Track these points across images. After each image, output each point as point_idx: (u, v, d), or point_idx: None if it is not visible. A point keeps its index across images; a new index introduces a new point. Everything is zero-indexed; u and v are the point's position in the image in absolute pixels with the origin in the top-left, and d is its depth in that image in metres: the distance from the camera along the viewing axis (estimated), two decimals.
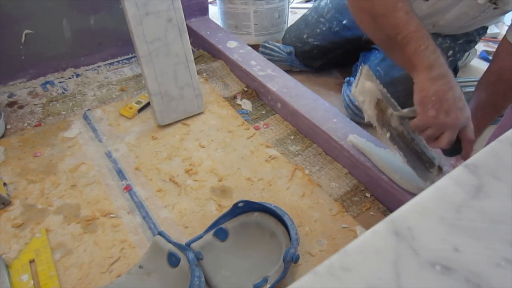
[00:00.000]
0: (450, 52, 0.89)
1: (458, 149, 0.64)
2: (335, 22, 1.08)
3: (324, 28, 1.10)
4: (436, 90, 0.58)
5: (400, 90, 0.87)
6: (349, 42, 1.09)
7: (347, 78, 0.99)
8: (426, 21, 0.88)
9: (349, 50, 1.11)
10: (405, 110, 0.65)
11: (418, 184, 0.69)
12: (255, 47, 1.18)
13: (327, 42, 1.11)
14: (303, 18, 1.17)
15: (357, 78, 0.64)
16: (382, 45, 0.67)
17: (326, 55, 1.12)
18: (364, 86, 0.64)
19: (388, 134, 0.64)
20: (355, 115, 0.94)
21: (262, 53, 1.17)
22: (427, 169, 0.67)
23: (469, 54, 1.19)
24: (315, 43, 1.11)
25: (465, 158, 0.65)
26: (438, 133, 0.61)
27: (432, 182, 0.62)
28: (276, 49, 1.16)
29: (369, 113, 0.64)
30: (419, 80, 0.60)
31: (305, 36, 1.13)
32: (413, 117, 0.62)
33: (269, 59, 1.10)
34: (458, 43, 0.91)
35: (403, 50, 0.60)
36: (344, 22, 1.07)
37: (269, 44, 1.18)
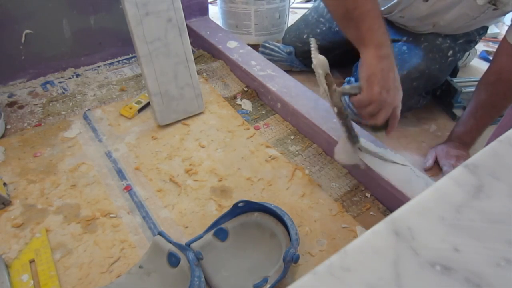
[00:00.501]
0: (450, 52, 0.89)
1: (384, 126, 0.69)
2: (335, 22, 1.09)
3: (324, 28, 1.10)
4: (382, 68, 0.62)
5: None
6: (349, 42, 1.09)
7: (347, 78, 0.99)
8: (426, 21, 0.88)
9: (348, 50, 1.11)
10: (347, 87, 0.68)
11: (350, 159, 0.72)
12: (255, 47, 1.18)
13: (327, 41, 1.11)
14: (303, 18, 1.17)
15: (312, 51, 0.66)
16: (340, 20, 0.70)
17: (326, 55, 1.13)
18: (318, 58, 0.65)
19: (335, 109, 0.66)
20: (355, 114, 0.94)
21: (262, 53, 1.17)
22: (355, 146, 0.72)
23: (469, 54, 1.19)
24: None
25: (389, 133, 0.70)
26: (377, 110, 0.64)
27: (356, 160, 0.71)
28: (276, 49, 1.16)
29: (322, 87, 0.66)
30: (368, 57, 0.63)
31: (305, 36, 1.13)
32: (354, 94, 0.65)
33: (269, 59, 1.10)
34: (458, 43, 0.91)
35: (357, 26, 0.64)
36: None
37: (269, 44, 1.18)
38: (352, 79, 0.97)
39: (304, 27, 1.14)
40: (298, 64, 1.18)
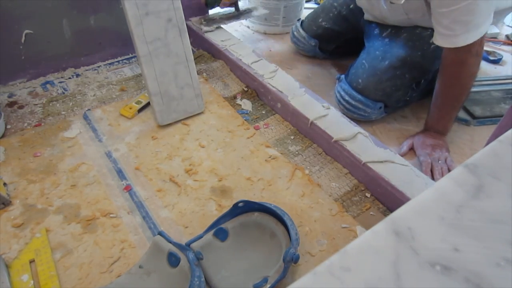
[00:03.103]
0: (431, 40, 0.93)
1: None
2: (344, 6, 1.14)
3: (336, 12, 1.15)
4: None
5: (384, 80, 0.92)
6: (354, 28, 1.13)
7: (337, 76, 1.04)
8: (401, 16, 0.94)
9: (356, 37, 1.14)
10: None
11: None
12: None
13: (337, 25, 1.15)
14: (322, 4, 1.23)
15: None
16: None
17: (337, 39, 1.19)
18: None
19: None
20: (347, 110, 0.96)
21: (293, 37, 1.25)
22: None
23: None
24: (326, 26, 1.16)
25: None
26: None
27: None
28: (302, 40, 1.22)
29: None
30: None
31: (320, 20, 1.18)
32: None
33: (295, 46, 1.25)
34: None
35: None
36: (351, 6, 1.11)
37: (297, 34, 1.23)
38: (342, 76, 0.99)
39: (320, 11, 1.19)
40: (321, 54, 1.23)
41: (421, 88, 0.99)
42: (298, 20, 1.26)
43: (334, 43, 1.19)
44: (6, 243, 0.66)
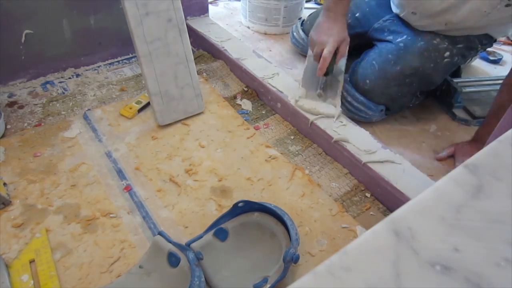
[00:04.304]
0: (447, 53, 0.90)
1: (330, 70, 0.91)
2: (349, 14, 1.10)
3: None
4: (320, 21, 0.92)
5: (393, 85, 0.91)
6: (358, 36, 1.10)
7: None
8: (438, 18, 0.89)
9: (359, 46, 1.11)
10: None
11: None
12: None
13: None
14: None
15: None
16: None
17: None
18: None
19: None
20: (349, 111, 0.96)
21: (292, 38, 1.26)
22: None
23: (471, 59, 1.19)
24: None
25: (319, 70, 0.89)
26: (317, 49, 0.90)
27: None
28: (301, 41, 1.21)
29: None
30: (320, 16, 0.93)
31: None
32: None
33: (295, 47, 1.26)
34: (457, 47, 0.91)
35: None
36: (357, 15, 1.08)
37: (296, 35, 1.23)
38: (346, 76, 0.99)
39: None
40: None
41: (424, 96, 0.99)
42: (299, 19, 1.25)
43: None
44: (6, 243, 0.66)
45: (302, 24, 1.22)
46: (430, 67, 0.90)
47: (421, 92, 0.96)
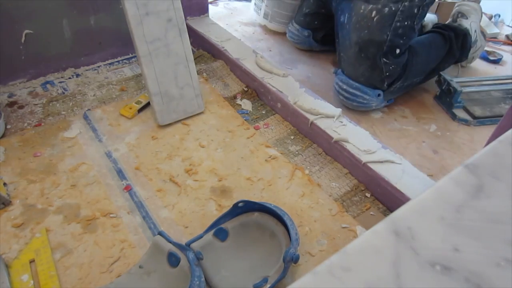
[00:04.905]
0: (374, 13, 0.91)
1: None
2: None
3: None
4: None
5: (358, 65, 0.95)
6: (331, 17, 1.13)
7: (334, 70, 1.09)
8: None
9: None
10: None
11: None
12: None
13: (321, 8, 1.17)
14: None
15: None
16: None
17: (323, 25, 1.21)
18: None
19: None
20: (347, 99, 0.97)
21: (288, 32, 1.28)
22: None
23: (473, 57, 1.19)
24: (311, 12, 1.19)
25: None
26: None
27: None
28: (296, 32, 1.24)
29: None
30: None
31: (304, 8, 1.21)
32: None
33: (291, 41, 1.28)
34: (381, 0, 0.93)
35: None
36: None
37: (291, 28, 1.26)
38: (339, 70, 1.00)
39: (304, 2, 1.22)
40: (316, 45, 1.25)
41: (401, 60, 0.96)
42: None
43: (322, 31, 1.21)
44: (6, 243, 0.66)
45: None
46: (365, 33, 0.93)
47: (385, 56, 0.94)
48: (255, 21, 1.45)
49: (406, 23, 0.92)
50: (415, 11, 0.92)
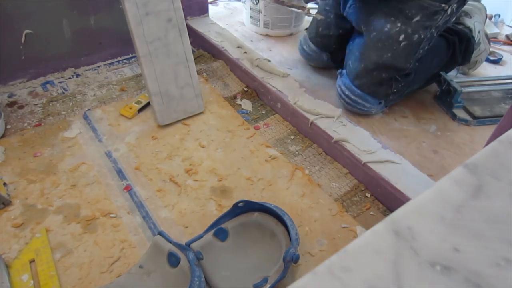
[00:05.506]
0: (402, 36, 0.87)
1: None
2: (337, 6, 1.06)
3: (332, 16, 1.08)
4: None
5: (365, 80, 0.92)
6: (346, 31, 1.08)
7: (339, 70, 1.01)
8: None
9: (346, 34, 1.09)
10: None
11: None
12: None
13: (339, 28, 1.08)
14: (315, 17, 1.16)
15: None
16: None
17: (342, 47, 1.10)
18: None
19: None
20: (348, 104, 0.95)
21: (302, 51, 1.18)
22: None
23: (476, 62, 1.19)
24: (329, 33, 1.09)
25: None
26: None
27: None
28: (313, 54, 1.14)
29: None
30: None
31: (319, 29, 1.11)
32: None
33: (306, 60, 1.17)
34: (412, 23, 0.87)
35: None
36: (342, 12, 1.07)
37: (307, 48, 1.15)
38: (344, 71, 0.98)
39: (316, 22, 1.12)
40: (334, 65, 1.16)
41: (411, 78, 0.96)
42: (306, 29, 1.19)
43: (344, 50, 1.10)
44: (6, 243, 0.66)
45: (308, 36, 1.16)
46: (388, 57, 0.89)
47: (399, 76, 0.93)
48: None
49: (426, 47, 0.92)
50: (434, 35, 0.91)
